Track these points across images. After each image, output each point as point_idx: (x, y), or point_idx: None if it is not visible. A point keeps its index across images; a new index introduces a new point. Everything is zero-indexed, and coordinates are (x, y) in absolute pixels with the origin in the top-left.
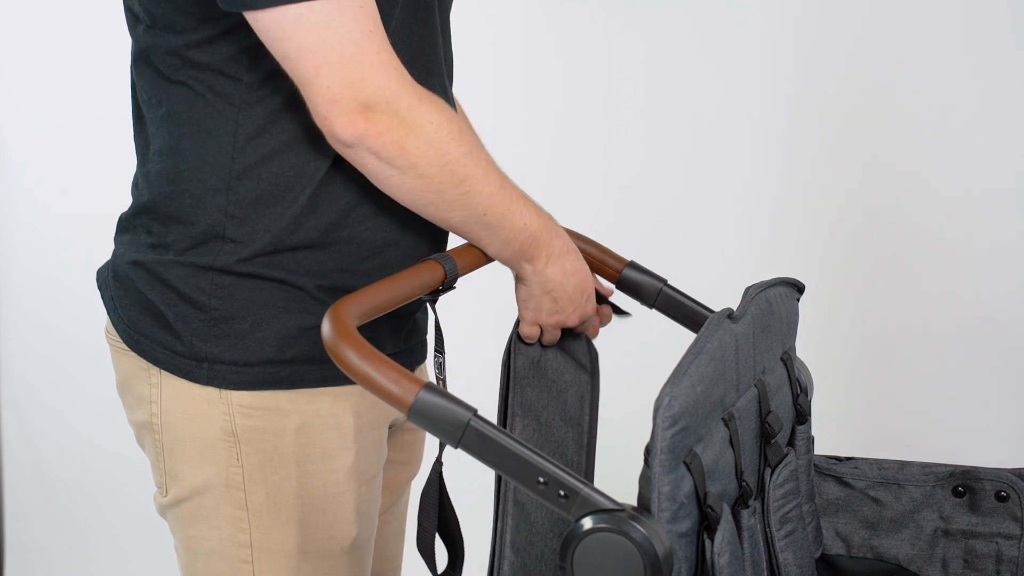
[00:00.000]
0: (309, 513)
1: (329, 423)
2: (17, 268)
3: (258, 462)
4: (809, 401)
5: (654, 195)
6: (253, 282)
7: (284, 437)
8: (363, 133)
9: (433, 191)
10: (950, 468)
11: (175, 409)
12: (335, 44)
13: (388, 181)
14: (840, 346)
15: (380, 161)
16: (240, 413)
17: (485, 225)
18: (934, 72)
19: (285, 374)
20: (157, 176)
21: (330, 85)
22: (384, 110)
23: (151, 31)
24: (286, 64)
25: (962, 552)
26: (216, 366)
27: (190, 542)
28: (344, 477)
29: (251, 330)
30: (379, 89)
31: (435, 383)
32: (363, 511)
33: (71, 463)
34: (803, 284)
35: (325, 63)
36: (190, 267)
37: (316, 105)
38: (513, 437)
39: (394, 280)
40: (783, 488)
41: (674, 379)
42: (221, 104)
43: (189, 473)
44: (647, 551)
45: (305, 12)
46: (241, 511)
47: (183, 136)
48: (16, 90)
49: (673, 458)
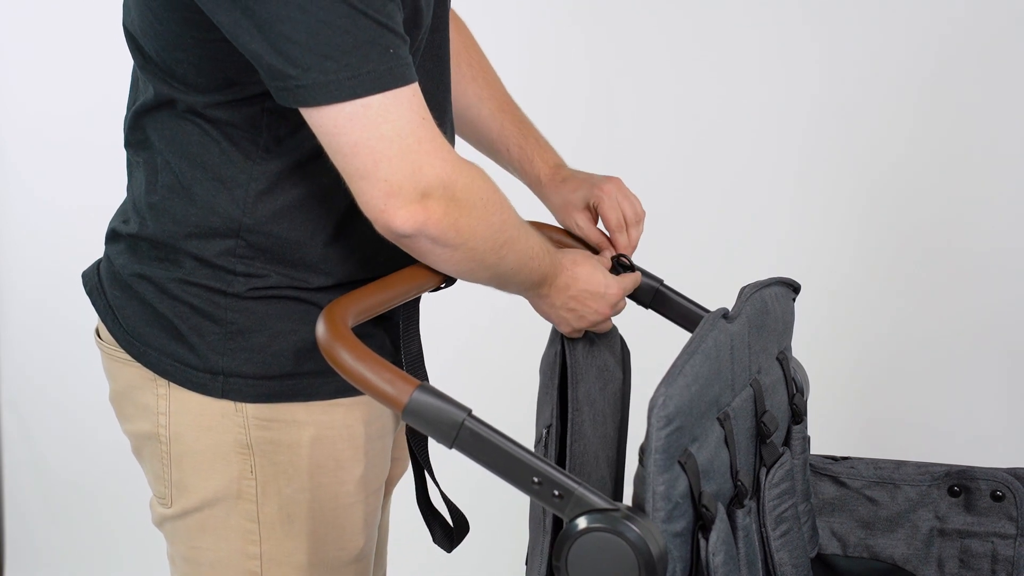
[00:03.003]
0: (320, 525)
1: (343, 434)
2: (17, 266)
3: (272, 474)
4: (805, 401)
5: (649, 195)
6: (269, 300)
7: (299, 449)
8: (423, 223)
9: (478, 260)
10: (946, 468)
11: (185, 421)
12: (394, 137)
13: (438, 258)
14: (837, 346)
15: (435, 244)
16: (256, 425)
17: (503, 280)
18: (935, 71)
19: (302, 386)
20: (164, 213)
21: (388, 178)
22: (442, 196)
23: (167, 81)
24: (338, 159)
25: (958, 552)
26: (232, 379)
27: (194, 553)
28: (354, 488)
29: (268, 343)
30: (437, 176)
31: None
32: (370, 521)
33: (71, 463)
34: (799, 284)
35: (383, 157)
36: (199, 287)
37: (372, 199)
38: (507, 437)
39: (390, 280)
40: (779, 488)
41: (669, 379)
42: (236, 155)
43: (199, 485)
44: (641, 551)
45: (362, 110)
46: (252, 523)
47: (196, 181)
48: (15, 83)
49: (668, 458)
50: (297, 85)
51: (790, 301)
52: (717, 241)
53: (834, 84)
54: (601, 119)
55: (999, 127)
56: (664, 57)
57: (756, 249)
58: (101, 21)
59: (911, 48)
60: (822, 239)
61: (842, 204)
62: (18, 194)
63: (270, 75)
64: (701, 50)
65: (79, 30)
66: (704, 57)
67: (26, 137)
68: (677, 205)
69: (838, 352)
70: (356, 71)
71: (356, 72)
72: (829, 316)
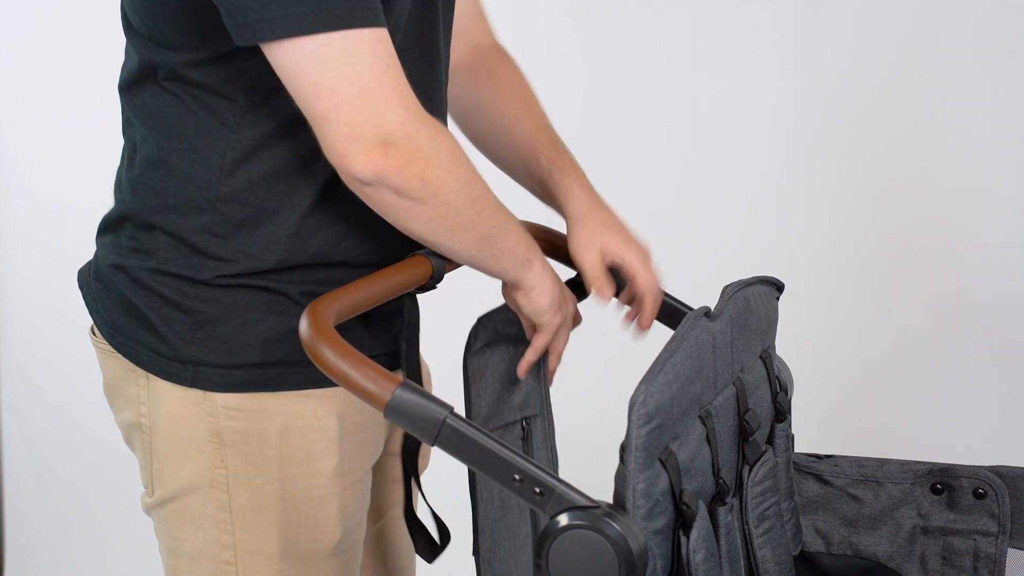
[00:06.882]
0: (292, 516)
1: (313, 425)
2: (18, 265)
3: (242, 464)
4: (789, 399)
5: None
6: (237, 289)
7: (267, 439)
8: (383, 169)
9: (453, 215)
10: (928, 465)
11: (161, 410)
12: (356, 79)
13: (407, 214)
14: (820, 344)
15: (400, 196)
16: (224, 415)
17: (490, 242)
18: (935, 70)
19: (269, 376)
20: (143, 187)
21: (348, 121)
22: (404, 144)
23: (147, 44)
24: (301, 101)
25: (940, 549)
26: (201, 368)
27: (174, 543)
28: (328, 480)
29: (235, 333)
30: (399, 123)
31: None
32: (348, 514)
33: (71, 463)
34: (782, 283)
35: (345, 99)
36: (170, 275)
37: (333, 143)
38: (488, 435)
39: (374, 277)
40: (761, 485)
41: (649, 377)
42: (213, 123)
43: (175, 474)
44: (621, 548)
45: (323, 48)
46: (225, 512)
47: (172, 151)
48: (15, 83)
49: (648, 455)
50: (256, 19)
51: (774, 300)
52: (700, 240)
53: (819, 83)
54: (597, 119)
55: (990, 126)
56: (658, 56)
57: (740, 248)
58: (101, 21)
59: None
60: (806, 238)
61: (826, 203)
62: (18, 193)
63: (230, 12)
64: (703, 46)
65: (79, 30)
66: (692, 56)
67: (26, 137)
68: (661, 205)
69: (822, 350)
70: (315, 7)
71: (315, 8)
72: (813, 314)
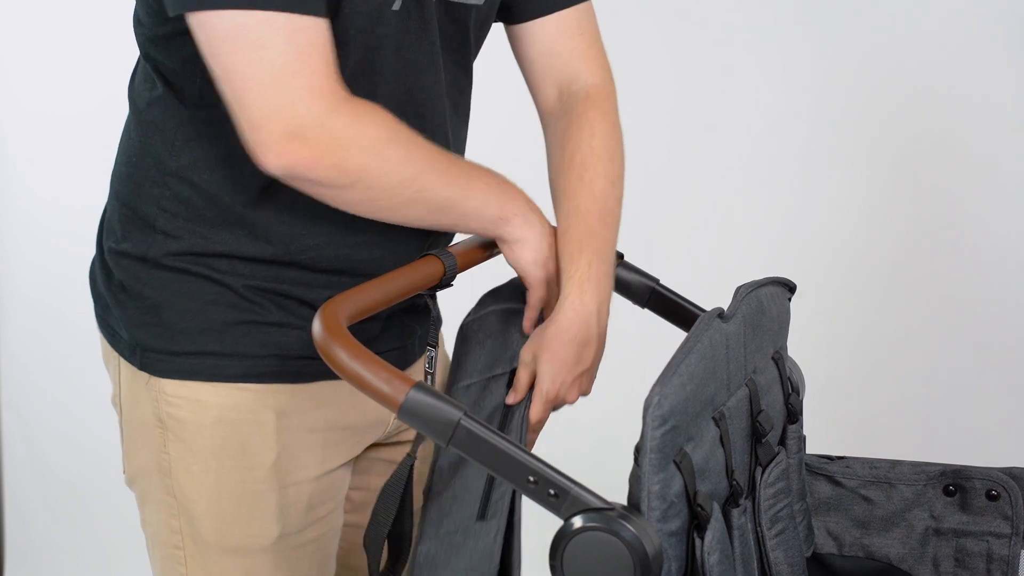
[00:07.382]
0: (227, 507)
1: (248, 419)
2: (18, 265)
3: (181, 451)
4: (801, 400)
5: (647, 194)
6: (183, 275)
7: (203, 429)
8: (294, 164)
9: (386, 196)
10: (941, 467)
11: (125, 392)
12: (266, 66)
13: (335, 199)
14: (833, 346)
15: (321, 186)
16: (165, 401)
17: (447, 211)
18: (937, 70)
19: (206, 366)
20: (118, 165)
21: (254, 108)
22: (316, 136)
23: (137, 29)
24: (217, 83)
25: (953, 551)
26: (147, 353)
27: (144, 526)
28: (264, 475)
29: (177, 320)
30: (310, 114)
31: (423, 380)
32: (292, 512)
33: (71, 463)
34: (795, 284)
35: (253, 85)
36: (128, 257)
37: (243, 131)
38: (503, 436)
39: (387, 278)
40: (774, 487)
41: (664, 378)
42: (172, 100)
43: (134, 455)
44: (636, 550)
45: (238, 30)
46: (171, 497)
47: (137, 127)
48: (15, 83)
49: (663, 457)
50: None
51: (786, 301)
52: (713, 241)
53: (832, 84)
54: None
55: (997, 125)
56: (659, 57)
57: (752, 249)
58: (102, 21)
59: (906, 48)
60: (818, 239)
61: (838, 203)
62: (18, 193)
63: None
64: (704, 45)
65: (79, 30)
66: (697, 56)
67: (26, 137)
68: (673, 205)
69: (834, 352)
70: None
71: None
72: (825, 316)
